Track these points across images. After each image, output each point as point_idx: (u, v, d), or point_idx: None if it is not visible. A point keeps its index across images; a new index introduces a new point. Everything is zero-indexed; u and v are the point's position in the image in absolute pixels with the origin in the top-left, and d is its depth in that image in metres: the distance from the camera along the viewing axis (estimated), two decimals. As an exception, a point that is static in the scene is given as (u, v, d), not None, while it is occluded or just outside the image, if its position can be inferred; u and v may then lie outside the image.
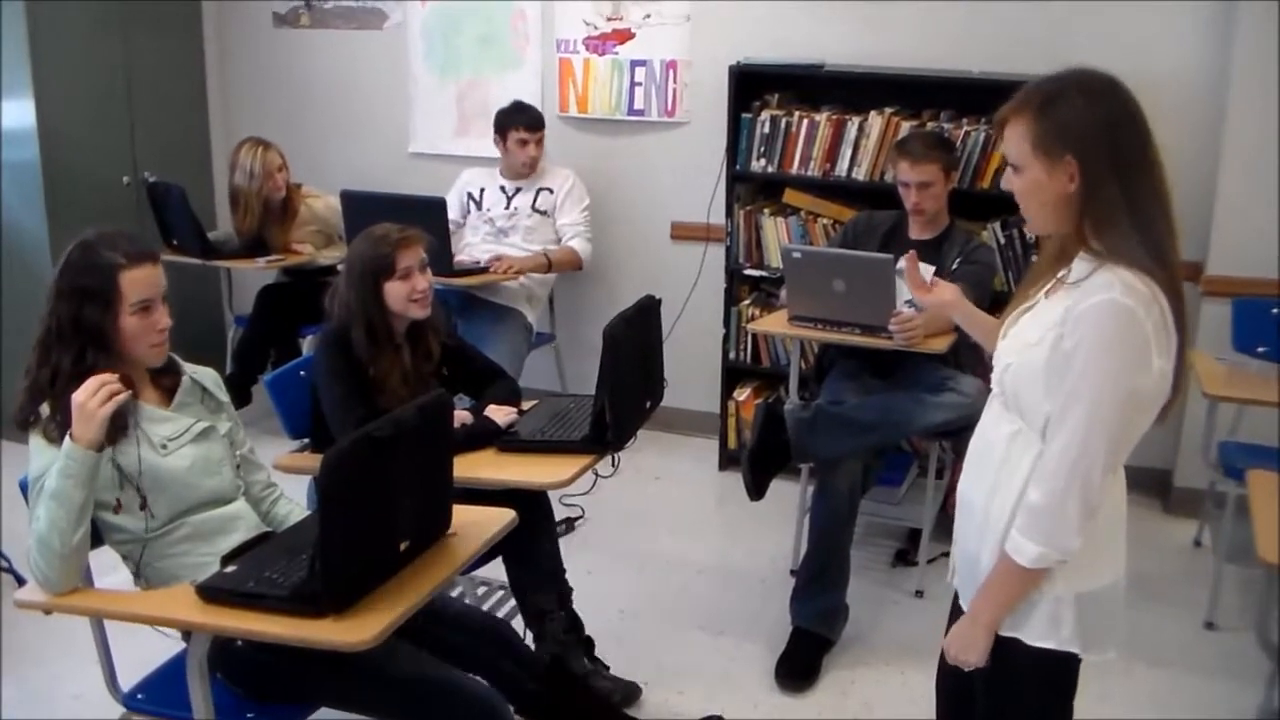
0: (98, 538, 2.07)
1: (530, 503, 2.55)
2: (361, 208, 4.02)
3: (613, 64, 4.68)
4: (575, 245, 4.42)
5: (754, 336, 4.44)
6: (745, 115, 4.26)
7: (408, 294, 2.66)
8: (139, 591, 2.11)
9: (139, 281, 2.05)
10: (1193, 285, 3.81)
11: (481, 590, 3.09)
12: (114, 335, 2.05)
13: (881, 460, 3.50)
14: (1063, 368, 1.58)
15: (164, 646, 2.20)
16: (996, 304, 3.22)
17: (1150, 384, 1.58)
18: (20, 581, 3.16)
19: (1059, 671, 1.72)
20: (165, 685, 2.16)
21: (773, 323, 3.62)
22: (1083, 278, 1.60)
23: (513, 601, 2.87)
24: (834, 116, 4.16)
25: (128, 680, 2.17)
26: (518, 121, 4.37)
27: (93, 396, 1.89)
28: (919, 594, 3.48)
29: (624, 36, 4.64)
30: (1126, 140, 1.58)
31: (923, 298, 2.10)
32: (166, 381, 2.19)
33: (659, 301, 2.81)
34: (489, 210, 4.46)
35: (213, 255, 4.57)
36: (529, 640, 2.70)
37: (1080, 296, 1.57)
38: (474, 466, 2.48)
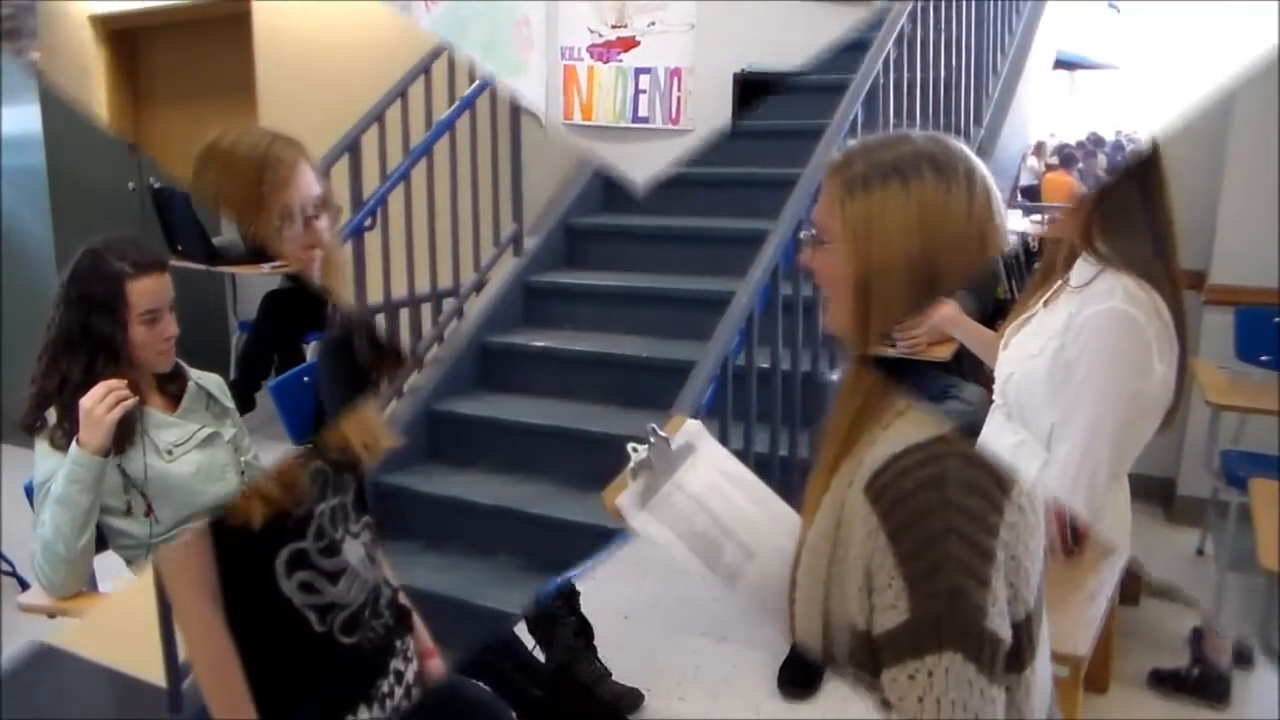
0: (103, 542, 2.07)
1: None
2: (366, 214, 4.03)
3: (617, 71, 4.69)
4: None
5: (757, 343, 4.44)
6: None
7: (412, 300, 2.67)
8: (143, 596, 2.12)
9: (146, 291, 2.06)
10: (1195, 294, 3.80)
11: (484, 596, 3.09)
12: (121, 344, 2.05)
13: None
14: (1065, 377, 1.58)
15: (168, 651, 2.20)
16: (999, 312, 3.23)
17: (1153, 389, 1.58)
18: (23, 585, 3.16)
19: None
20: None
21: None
22: (1085, 282, 1.60)
23: (516, 608, 2.88)
24: (837, 124, 4.17)
25: (131, 685, 2.18)
26: None
27: (100, 402, 1.91)
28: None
29: (628, 44, 4.65)
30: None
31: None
32: (172, 387, 2.19)
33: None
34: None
35: (217, 261, 4.55)
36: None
37: (1082, 304, 1.58)
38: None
